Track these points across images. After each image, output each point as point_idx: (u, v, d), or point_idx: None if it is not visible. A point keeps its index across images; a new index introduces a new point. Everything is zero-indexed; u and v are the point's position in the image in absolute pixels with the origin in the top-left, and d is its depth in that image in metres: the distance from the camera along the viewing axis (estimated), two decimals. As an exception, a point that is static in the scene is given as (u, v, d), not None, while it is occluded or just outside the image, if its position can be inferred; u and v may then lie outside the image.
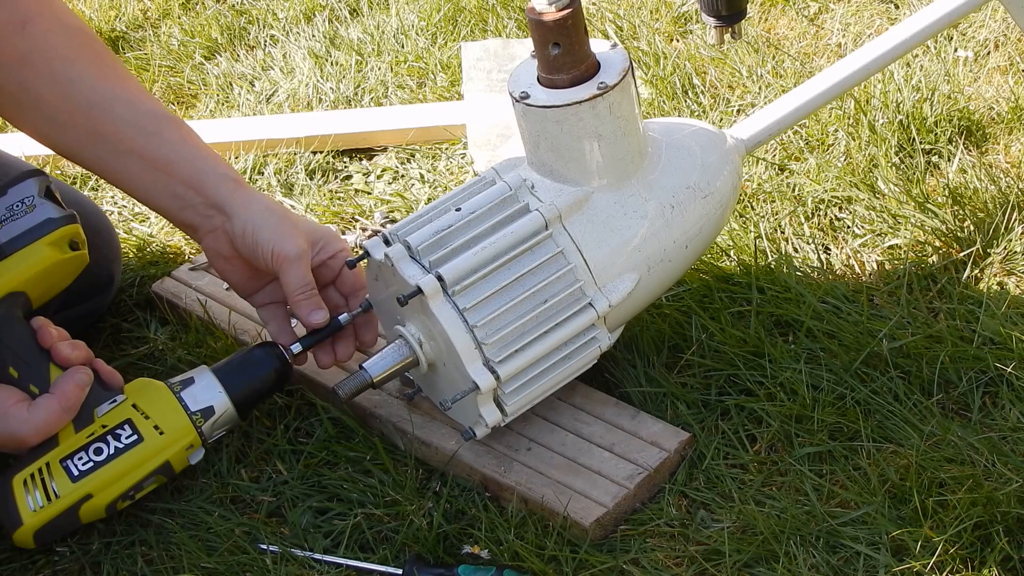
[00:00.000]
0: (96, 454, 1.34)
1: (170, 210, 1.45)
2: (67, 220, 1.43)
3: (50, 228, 1.41)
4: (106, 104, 1.43)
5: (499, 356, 1.35)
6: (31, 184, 1.43)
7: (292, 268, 1.40)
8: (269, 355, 1.42)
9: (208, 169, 1.43)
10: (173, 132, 1.44)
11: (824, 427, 1.39)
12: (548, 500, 1.34)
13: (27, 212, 1.41)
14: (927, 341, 1.46)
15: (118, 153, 1.43)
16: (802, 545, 1.27)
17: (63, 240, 1.42)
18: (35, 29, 1.42)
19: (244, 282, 1.47)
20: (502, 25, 2.18)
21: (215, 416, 1.38)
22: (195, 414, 1.37)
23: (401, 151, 1.94)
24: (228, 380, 1.40)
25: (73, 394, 1.35)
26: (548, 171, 1.40)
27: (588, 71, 1.36)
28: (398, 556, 1.33)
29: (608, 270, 1.39)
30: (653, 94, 1.93)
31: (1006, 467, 1.30)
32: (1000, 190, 1.65)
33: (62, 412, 1.34)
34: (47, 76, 1.42)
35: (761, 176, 1.76)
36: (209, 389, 1.39)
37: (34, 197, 1.42)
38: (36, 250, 1.40)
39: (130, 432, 1.35)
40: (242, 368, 1.42)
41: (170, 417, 1.37)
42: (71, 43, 1.44)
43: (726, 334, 1.49)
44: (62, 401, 1.34)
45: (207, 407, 1.38)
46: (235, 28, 2.31)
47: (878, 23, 2.04)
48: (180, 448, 1.37)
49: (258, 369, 1.42)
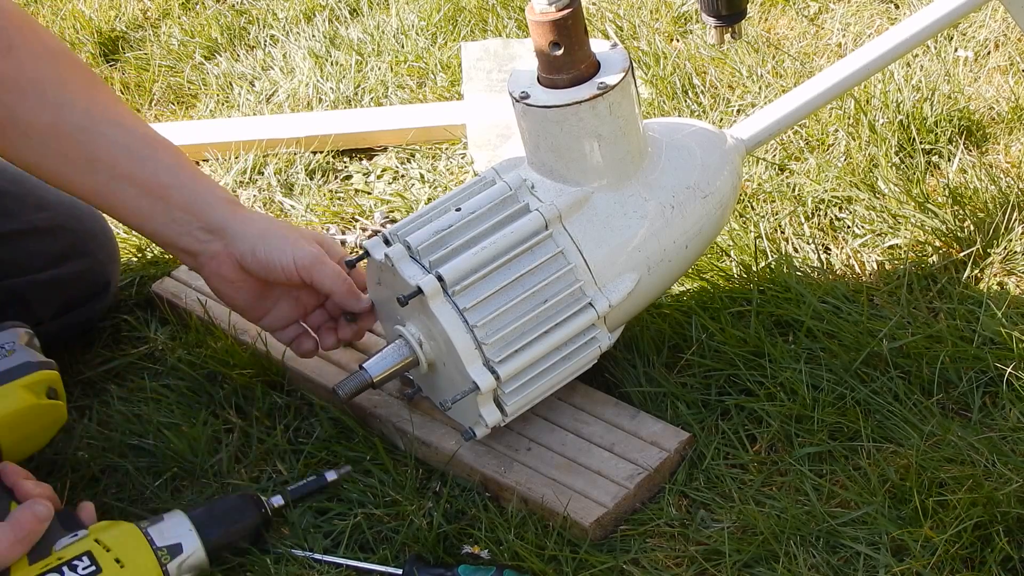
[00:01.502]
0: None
1: (168, 236, 1.41)
2: (46, 366, 1.38)
3: (27, 371, 1.36)
4: (99, 128, 1.39)
5: (499, 356, 1.35)
6: (11, 333, 1.40)
7: (321, 268, 1.39)
8: (250, 506, 1.35)
9: (205, 193, 1.40)
10: (168, 157, 1.41)
11: (824, 427, 1.39)
12: (548, 500, 1.34)
13: (5, 356, 1.37)
14: (927, 341, 1.46)
15: (112, 179, 1.39)
16: (802, 545, 1.27)
17: (40, 385, 1.37)
18: (21, 54, 1.39)
19: (252, 304, 1.44)
20: (502, 25, 2.18)
21: (183, 555, 1.29)
22: (160, 549, 1.28)
23: (401, 151, 1.94)
24: (201, 522, 1.31)
25: (28, 524, 1.24)
26: (548, 171, 1.40)
27: (588, 71, 1.36)
28: (398, 556, 1.33)
29: (608, 270, 1.39)
30: (653, 94, 1.93)
31: (1006, 467, 1.30)
32: (1000, 190, 1.65)
33: (14, 543, 1.23)
34: (36, 101, 1.38)
35: (761, 176, 1.76)
36: (179, 527, 1.30)
37: (15, 343, 1.39)
38: (10, 391, 1.35)
39: (88, 563, 1.24)
40: (218, 514, 1.33)
41: (133, 550, 1.27)
42: (58, 67, 1.41)
43: (726, 334, 1.49)
44: (16, 531, 1.23)
45: (175, 544, 1.29)
46: (235, 28, 2.31)
47: (878, 23, 2.04)
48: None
49: (235, 516, 1.34)
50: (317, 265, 1.39)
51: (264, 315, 1.45)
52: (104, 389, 1.59)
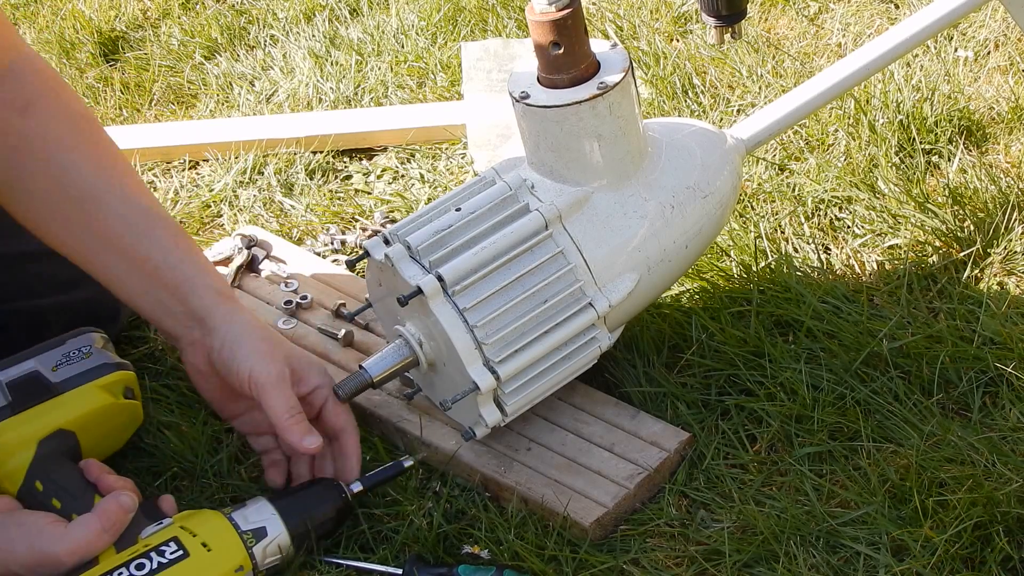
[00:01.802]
0: (138, 569, 1.24)
1: (152, 315, 1.39)
2: (122, 367, 1.41)
3: (104, 372, 1.40)
4: (100, 197, 1.38)
5: (499, 356, 1.35)
6: (88, 337, 1.43)
7: (273, 391, 1.31)
8: (331, 492, 1.34)
9: (195, 278, 1.37)
10: (165, 234, 1.39)
11: (824, 427, 1.39)
12: (548, 500, 1.34)
13: (83, 358, 1.40)
14: (927, 341, 1.46)
15: (105, 250, 1.38)
16: (802, 545, 1.27)
17: (117, 385, 1.40)
18: (37, 112, 1.39)
19: (222, 402, 1.40)
20: (502, 25, 2.18)
21: (268, 539, 1.29)
22: (246, 533, 1.28)
23: (401, 151, 1.94)
24: (283, 507, 1.31)
25: (115, 514, 1.25)
26: (548, 171, 1.40)
27: (588, 71, 1.36)
28: (398, 556, 1.33)
29: (608, 270, 1.39)
30: (653, 94, 1.93)
31: (1006, 467, 1.30)
32: (1000, 190, 1.65)
33: (101, 532, 1.24)
34: (43, 162, 1.38)
35: (761, 176, 1.76)
36: (262, 511, 1.30)
37: (91, 347, 1.42)
38: (88, 391, 1.39)
39: (176, 548, 1.25)
40: (300, 500, 1.33)
41: (218, 534, 1.28)
42: (72, 130, 1.40)
43: (726, 334, 1.49)
44: (103, 520, 1.25)
45: (259, 527, 1.29)
46: (235, 28, 2.31)
47: (878, 23, 2.04)
48: (229, 568, 1.27)
49: (316, 503, 1.33)
50: (269, 387, 1.32)
51: (236, 416, 1.41)
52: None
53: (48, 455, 1.35)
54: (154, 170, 1.98)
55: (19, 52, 1.42)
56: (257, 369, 1.32)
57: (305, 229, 1.81)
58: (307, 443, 1.32)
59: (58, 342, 1.42)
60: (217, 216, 1.87)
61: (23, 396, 1.38)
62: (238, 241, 1.72)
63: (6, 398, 1.37)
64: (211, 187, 1.91)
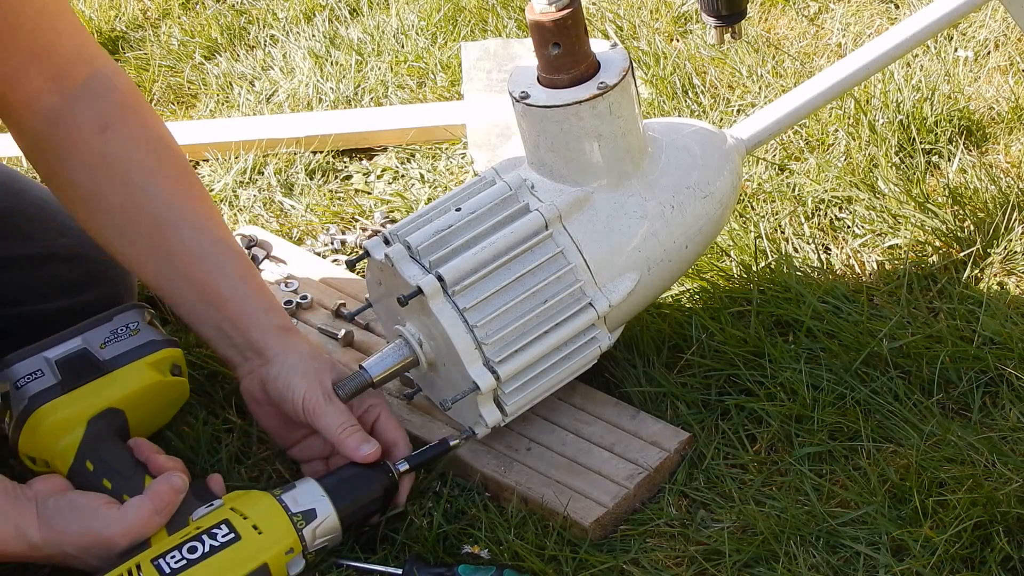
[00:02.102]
0: (190, 552, 1.24)
1: (213, 342, 1.41)
2: (170, 344, 1.42)
3: (152, 349, 1.40)
4: (175, 224, 1.39)
5: (499, 356, 1.35)
6: (136, 313, 1.43)
7: (328, 410, 1.34)
8: (377, 472, 1.33)
9: (258, 313, 1.39)
10: (234, 268, 1.40)
11: (824, 427, 1.39)
12: (548, 500, 1.34)
13: (131, 335, 1.41)
14: (927, 341, 1.46)
15: (177, 277, 1.40)
16: (802, 545, 1.27)
17: (165, 363, 1.41)
18: (116, 135, 1.39)
19: (278, 430, 1.41)
20: (502, 25, 2.18)
21: (317, 520, 1.29)
22: (295, 515, 1.28)
23: (401, 151, 1.94)
24: (331, 488, 1.31)
25: (167, 495, 1.27)
26: (548, 171, 1.40)
27: (588, 71, 1.36)
28: (398, 556, 1.33)
29: (608, 270, 1.39)
30: (653, 94, 1.93)
31: (1006, 467, 1.30)
32: (1000, 190, 1.65)
33: (153, 513, 1.26)
34: (120, 184, 1.39)
35: (761, 176, 1.76)
36: (311, 493, 1.30)
37: (139, 323, 1.42)
38: (137, 369, 1.39)
39: (227, 531, 1.26)
40: (347, 480, 1.33)
41: (269, 516, 1.28)
42: (151, 154, 1.41)
43: (726, 334, 1.49)
44: (155, 502, 1.26)
45: (308, 509, 1.29)
46: (235, 28, 2.31)
47: (878, 23, 2.04)
48: (279, 550, 1.27)
49: (364, 483, 1.33)
50: (321, 408, 1.34)
51: (293, 444, 1.41)
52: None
53: (98, 434, 1.35)
54: (154, 170, 1.98)
55: (97, 66, 1.42)
56: (309, 393, 1.34)
57: (305, 229, 1.82)
58: (364, 451, 1.33)
59: (105, 318, 1.42)
60: (217, 216, 1.87)
61: (72, 374, 1.38)
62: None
63: (56, 376, 1.37)
64: (211, 187, 1.91)
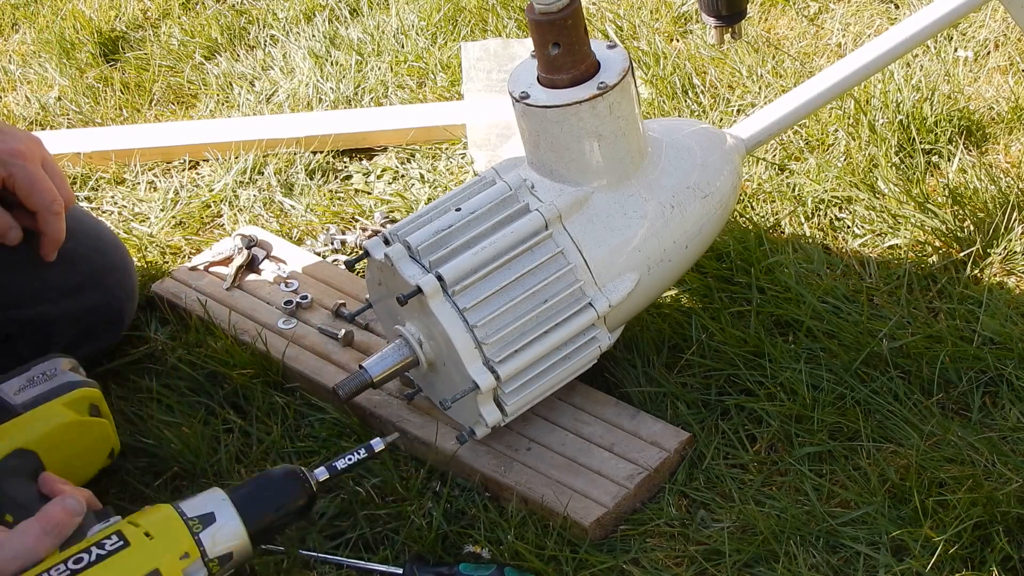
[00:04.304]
0: (75, 563, 1.18)
1: None
2: (86, 384, 1.39)
3: (67, 389, 1.38)
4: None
5: (499, 356, 1.35)
6: (54, 362, 1.41)
7: None
8: (291, 480, 1.29)
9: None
10: None
11: (824, 427, 1.39)
12: (548, 500, 1.34)
13: (46, 380, 1.39)
14: (927, 341, 1.46)
15: None
16: (802, 545, 1.27)
17: (81, 403, 1.38)
18: None
19: None
20: (502, 25, 2.18)
21: (216, 525, 1.23)
22: (191, 520, 1.23)
23: (401, 151, 1.94)
24: (236, 493, 1.26)
25: (56, 516, 1.19)
26: (548, 171, 1.40)
27: (588, 71, 1.36)
28: (398, 556, 1.33)
29: (608, 270, 1.39)
30: (653, 94, 1.93)
31: (1006, 467, 1.30)
32: (1000, 190, 1.65)
33: (43, 534, 1.19)
34: None
35: (761, 176, 1.76)
36: (212, 499, 1.25)
37: (56, 369, 1.40)
38: (50, 409, 1.37)
39: (116, 540, 1.21)
40: (255, 486, 1.28)
41: (162, 523, 1.23)
42: None
43: (726, 334, 1.49)
44: (43, 523, 1.19)
45: (206, 514, 1.23)
46: (235, 28, 2.31)
47: (878, 23, 2.04)
48: (173, 556, 1.21)
49: (273, 490, 1.28)
50: None
51: None
52: (104, 389, 1.59)
53: (6, 474, 1.32)
54: (154, 170, 1.98)
55: None
56: None
57: (305, 229, 1.82)
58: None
59: (24, 369, 1.40)
60: (217, 216, 1.87)
61: None
62: (238, 241, 1.72)
63: None
64: (211, 187, 1.91)
